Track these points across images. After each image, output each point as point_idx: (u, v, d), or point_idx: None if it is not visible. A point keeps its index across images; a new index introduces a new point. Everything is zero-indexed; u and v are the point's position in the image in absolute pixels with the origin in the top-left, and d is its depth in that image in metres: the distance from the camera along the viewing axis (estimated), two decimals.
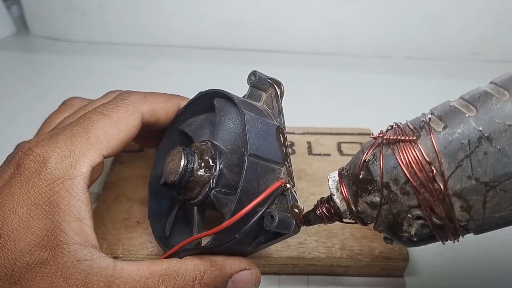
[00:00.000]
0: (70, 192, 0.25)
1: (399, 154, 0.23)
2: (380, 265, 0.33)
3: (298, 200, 0.26)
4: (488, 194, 0.22)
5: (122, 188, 0.39)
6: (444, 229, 0.23)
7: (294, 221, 0.26)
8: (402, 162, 0.22)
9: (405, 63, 0.63)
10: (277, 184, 0.26)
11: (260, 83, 0.30)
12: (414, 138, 0.22)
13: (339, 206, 0.25)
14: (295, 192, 0.27)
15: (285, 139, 0.28)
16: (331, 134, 0.45)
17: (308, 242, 0.34)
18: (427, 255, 0.35)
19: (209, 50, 0.66)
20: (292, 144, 0.44)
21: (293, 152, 0.43)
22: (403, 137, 0.23)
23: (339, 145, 0.44)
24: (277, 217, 0.25)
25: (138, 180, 0.39)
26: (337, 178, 0.26)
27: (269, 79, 0.30)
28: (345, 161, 0.41)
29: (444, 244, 0.24)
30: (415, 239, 0.24)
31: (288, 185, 0.26)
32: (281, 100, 0.30)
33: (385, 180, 0.23)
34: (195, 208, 0.30)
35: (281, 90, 0.30)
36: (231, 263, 0.27)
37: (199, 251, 0.27)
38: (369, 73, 0.60)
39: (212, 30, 0.65)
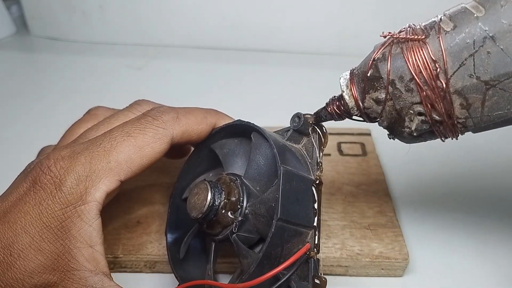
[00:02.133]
0: (82, 218, 0.24)
1: (406, 53, 0.24)
2: (380, 265, 0.33)
3: (320, 271, 0.25)
4: (487, 92, 0.22)
5: (122, 188, 0.39)
6: (443, 125, 0.24)
7: None
8: (409, 60, 0.23)
9: None
10: (301, 252, 0.24)
11: (303, 127, 0.28)
12: (423, 37, 0.23)
13: (347, 102, 0.27)
14: (318, 260, 0.25)
15: (319, 196, 0.26)
16: (331, 134, 0.45)
17: None
18: (427, 255, 0.35)
19: (209, 50, 0.66)
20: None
21: None
22: (412, 36, 0.23)
23: (339, 145, 0.44)
24: None
25: (138, 180, 0.39)
26: (348, 77, 0.27)
27: (315, 124, 0.28)
28: (345, 161, 0.41)
29: (444, 141, 0.25)
30: (415, 134, 0.25)
31: (312, 253, 0.25)
32: (323, 149, 0.28)
33: (391, 77, 0.24)
34: (213, 244, 0.29)
35: (325, 139, 0.28)
36: None
37: None
38: None
39: (212, 30, 0.65)
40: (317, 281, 0.24)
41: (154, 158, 0.28)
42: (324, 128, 0.29)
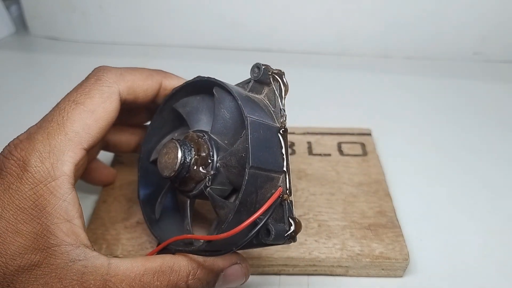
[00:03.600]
0: (54, 194, 0.24)
1: None
2: (380, 266, 0.33)
3: (294, 212, 0.26)
4: None
5: (122, 188, 0.39)
6: None
7: (289, 233, 0.25)
8: None
9: (405, 63, 0.63)
10: (275, 196, 0.25)
11: (264, 77, 0.28)
12: None
13: None
14: (291, 202, 0.26)
15: (286, 142, 0.27)
16: (331, 134, 0.45)
17: (308, 242, 0.34)
18: (427, 255, 0.35)
19: (209, 50, 0.66)
20: (292, 144, 0.44)
21: (293, 152, 0.43)
22: None
23: (339, 145, 0.44)
24: (273, 232, 0.25)
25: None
26: None
27: (274, 72, 0.28)
28: (345, 161, 0.41)
29: None
30: None
31: (285, 196, 0.26)
32: (285, 97, 0.28)
33: None
34: (188, 200, 0.30)
35: (285, 87, 0.28)
36: (223, 258, 0.27)
37: (191, 252, 0.27)
38: (369, 73, 0.60)
39: (212, 30, 0.65)
40: (291, 221, 0.25)
41: (109, 118, 0.28)
42: (284, 77, 0.28)
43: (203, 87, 0.30)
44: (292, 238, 0.25)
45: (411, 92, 0.56)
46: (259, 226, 0.25)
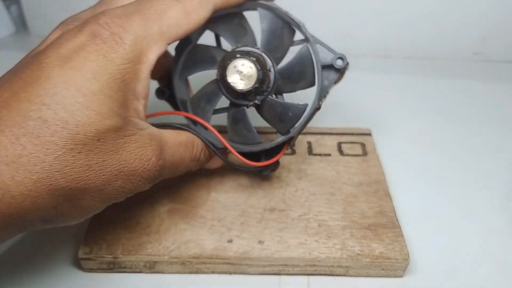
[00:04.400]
0: (138, 75, 0.26)
1: None
2: (380, 266, 0.33)
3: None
4: None
5: None
6: None
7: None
8: None
9: (405, 63, 0.63)
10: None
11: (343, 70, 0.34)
12: None
13: None
14: None
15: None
16: (331, 134, 0.45)
17: (308, 242, 0.34)
18: (427, 255, 0.35)
19: None
20: (292, 144, 0.44)
21: (293, 152, 0.43)
22: None
23: (339, 145, 0.44)
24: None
25: None
26: None
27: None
28: (345, 161, 0.41)
29: None
30: None
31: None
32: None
33: None
34: (221, 95, 0.34)
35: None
36: None
37: (212, 147, 0.33)
38: (369, 73, 0.60)
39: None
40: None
41: (198, 24, 0.29)
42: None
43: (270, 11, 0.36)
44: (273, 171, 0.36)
45: (411, 92, 0.56)
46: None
